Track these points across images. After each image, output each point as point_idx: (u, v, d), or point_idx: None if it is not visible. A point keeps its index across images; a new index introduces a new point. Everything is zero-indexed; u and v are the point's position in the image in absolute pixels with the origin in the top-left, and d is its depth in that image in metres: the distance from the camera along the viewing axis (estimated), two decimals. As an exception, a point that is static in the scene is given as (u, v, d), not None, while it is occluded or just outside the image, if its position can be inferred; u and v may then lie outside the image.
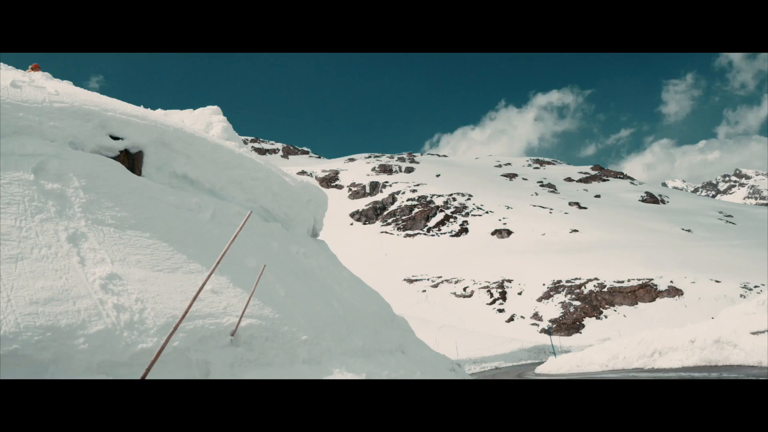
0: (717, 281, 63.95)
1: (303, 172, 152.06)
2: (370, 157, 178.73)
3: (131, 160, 7.94)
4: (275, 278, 7.48)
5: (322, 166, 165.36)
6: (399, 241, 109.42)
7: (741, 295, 57.50)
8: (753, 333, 13.63)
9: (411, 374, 8.64)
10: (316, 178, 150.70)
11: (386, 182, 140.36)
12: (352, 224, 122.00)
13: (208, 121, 13.52)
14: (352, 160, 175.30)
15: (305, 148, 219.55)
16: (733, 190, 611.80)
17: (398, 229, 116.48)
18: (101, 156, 7.15)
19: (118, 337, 4.34)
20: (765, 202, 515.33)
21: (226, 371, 5.08)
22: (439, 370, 10.53)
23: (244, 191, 10.06)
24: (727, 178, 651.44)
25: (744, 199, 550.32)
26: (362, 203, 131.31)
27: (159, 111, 12.80)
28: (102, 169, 6.76)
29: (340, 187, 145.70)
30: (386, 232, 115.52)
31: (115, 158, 7.54)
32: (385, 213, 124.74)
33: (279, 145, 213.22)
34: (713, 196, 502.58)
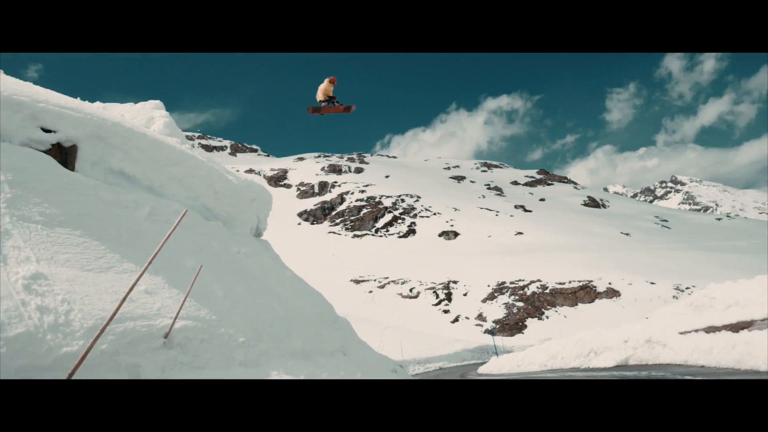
0: (652, 283, 66.62)
1: (251, 171, 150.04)
2: (319, 156, 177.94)
3: (64, 155, 7.64)
4: (214, 278, 7.35)
5: (270, 164, 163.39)
6: (347, 242, 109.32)
7: (674, 296, 60.11)
8: (681, 333, 14.25)
9: (351, 375, 8.63)
10: (265, 176, 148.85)
11: (335, 182, 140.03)
12: (299, 224, 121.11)
13: (149, 116, 13.14)
14: (301, 159, 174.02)
15: (254, 146, 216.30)
16: (669, 195, 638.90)
17: (346, 229, 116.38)
18: (31, 149, 6.86)
19: (41, 340, 4.16)
20: (698, 207, 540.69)
21: (157, 375, 4.95)
22: (380, 371, 10.57)
23: (185, 189, 9.83)
24: (664, 184, 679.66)
25: (679, 204, 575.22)
26: (311, 203, 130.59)
27: (97, 104, 12.36)
28: (31, 162, 6.48)
29: (288, 186, 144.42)
30: (334, 233, 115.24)
31: (47, 152, 7.25)
32: (334, 213, 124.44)
33: (227, 143, 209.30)
34: (651, 202, 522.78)
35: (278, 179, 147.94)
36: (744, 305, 12.82)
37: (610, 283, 67.50)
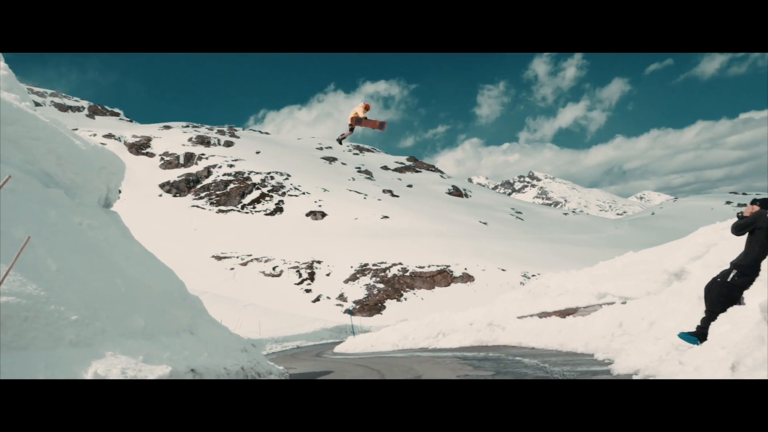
0: (503, 270, 71.56)
1: (111, 136, 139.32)
2: (188, 126, 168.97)
3: None
4: (48, 251, 6.85)
5: (133, 130, 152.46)
6: (211, 217, 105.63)
7: (521, 283, 65.00)
8: (519, 317, 15.56)
9: (197, 355, 8.49)
10: (126, 143, 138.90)
11: (203, 154, 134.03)
12: (161, 195, 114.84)
13: (-19, 67, 11.79)
14: (167, 127, 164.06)
15: (116, 110, 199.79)
16: (526, 189, 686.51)
17: (211, 204, 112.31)
18: None
19: None
20: (550, 202, 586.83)
21: (-32, 354, 4.57)
22: (229, 350, 10.47)
23: (20, 152, 8.99)
24: (522, 179, 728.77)
25: (533, 198, 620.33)
26: (174, 174, 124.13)
27: None
28: None
29: (151, 155, 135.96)
30: (198, 207, 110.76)
31: None
32: (199, 186, 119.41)
33: (85, 103, 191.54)
34: (509, 194, 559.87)
35: (140, 147, 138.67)
36: (573, 293, 14.25)
37: (465, 269, 71.52)
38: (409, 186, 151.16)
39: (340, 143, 15.69)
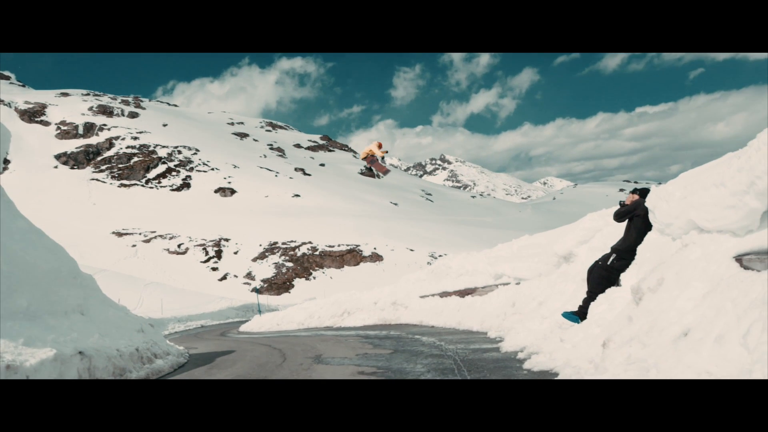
0: (411, 250, 73.03)
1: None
2: (88, 94, 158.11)
3: None
4: None
5: (26, 96, 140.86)
6: (112, 191, 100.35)
7: (428, 263, 66.64)
8: (421, 297, 16.01)
9: (87, 337, 8.13)
10: (17, 109, 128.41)
11: (105, 125, 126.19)
12: (56, 167, 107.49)
13: None
14: (65, 95, 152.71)
15: (6, 73, 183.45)
16: (437, 172, 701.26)
17: (113, 177, 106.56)
18: None
19: None
20: (459, 185, 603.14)
21: None
22: (124, 331, 10.09)
23: None
24: (433, 162, 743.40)
25: (444, 181, 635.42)
26: (72, 145, 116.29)
27: None
28: None
29: (46, 123, 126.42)
30: (98, 180, 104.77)
31: None
32: (99, 159, 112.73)
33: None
34: (420, 176, 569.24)
35: (34, 114, 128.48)
36: (472, 274, 14.79)
37: (375, 249, 72.37)
38: (322, 165, 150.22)
39: (370, 170, 16.27)
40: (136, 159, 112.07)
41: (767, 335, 3.04)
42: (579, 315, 6.82)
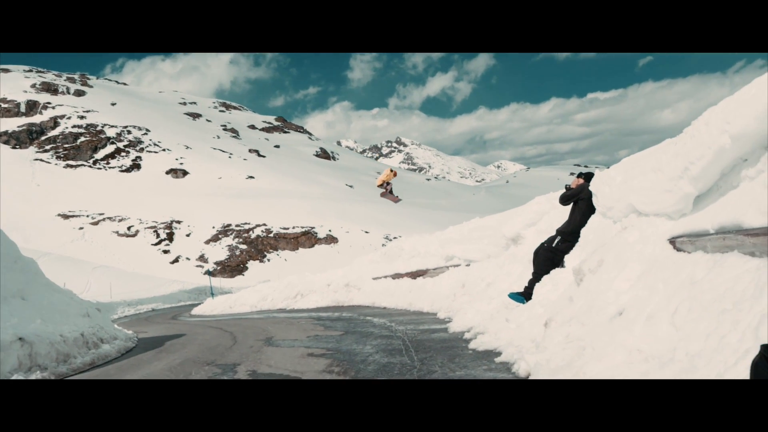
0: (366, 232, 73.16)
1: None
2: (31, 70, 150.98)
3: None
4: None
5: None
6: (57, 172, 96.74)
7: (383, 245, 66.87)
8: (374, 279, 16.09)
9: (28, 322, 7.87)
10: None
11: (49, 103, 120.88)
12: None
13: None
14: (5, 71, 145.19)
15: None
16: (393, 154, 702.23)
17: (58, 158, 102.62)
18: None
19: None
20: (415, 168, 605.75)
21: None
22: (69, 316, 9.80)
23: None
24: (390, 144, 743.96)
25: (400, 163, 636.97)
26: (14, 124, 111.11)
27: None
28: None
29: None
30: (42, 160, 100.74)
31: None
32: (44, 138, 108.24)
33: None
34: (376, 158, 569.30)
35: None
36: (424, 256, 14.93)
37: (330, 231, 72.20)
38: (277, 146, 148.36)
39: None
40: (83, 139, 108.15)
41: (694, 314, 3.19)
42: (525, 296, 6.97)
